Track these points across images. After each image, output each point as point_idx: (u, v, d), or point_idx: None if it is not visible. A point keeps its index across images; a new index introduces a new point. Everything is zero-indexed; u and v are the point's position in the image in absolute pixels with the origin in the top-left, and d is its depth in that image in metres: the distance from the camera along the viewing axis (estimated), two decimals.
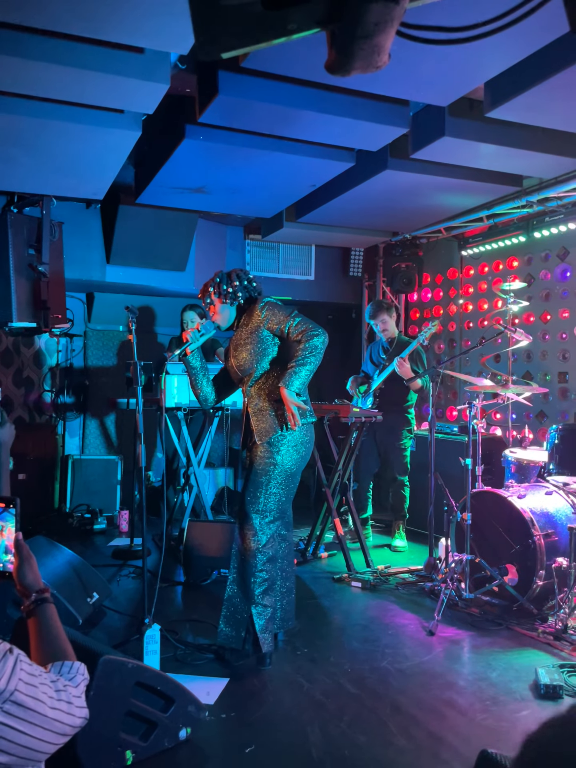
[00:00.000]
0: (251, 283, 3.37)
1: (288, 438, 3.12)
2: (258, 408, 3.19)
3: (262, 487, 3.10)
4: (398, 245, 6.74)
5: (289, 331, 3.14)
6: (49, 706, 1.33)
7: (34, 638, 1.53)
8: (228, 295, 3.29)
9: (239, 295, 3.31)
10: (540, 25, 2.74)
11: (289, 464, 3.13)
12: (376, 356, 5.55)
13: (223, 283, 3.30)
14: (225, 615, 3.16)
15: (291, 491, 3.21)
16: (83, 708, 1.42)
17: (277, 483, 3.11)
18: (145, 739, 2.31)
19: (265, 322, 3.19)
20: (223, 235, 6.72)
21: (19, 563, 1.62)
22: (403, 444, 5.34)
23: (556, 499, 3.86)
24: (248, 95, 3.42)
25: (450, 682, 2.96)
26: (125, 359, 6.67)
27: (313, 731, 2.54)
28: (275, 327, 3.17)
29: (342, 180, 4.89)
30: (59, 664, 1.47)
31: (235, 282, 3.30)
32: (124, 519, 5.70)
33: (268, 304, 3.23)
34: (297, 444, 3.15)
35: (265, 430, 3.15)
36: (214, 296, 3.33)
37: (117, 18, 2.65)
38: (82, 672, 1.49)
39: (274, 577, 3.18)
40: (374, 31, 1.15)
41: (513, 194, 5.27)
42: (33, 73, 3.07)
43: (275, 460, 3.10)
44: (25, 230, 4.43)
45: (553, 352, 5.42)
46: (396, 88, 3.39)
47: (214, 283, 3.33)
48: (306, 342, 3.08)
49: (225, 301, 3.31)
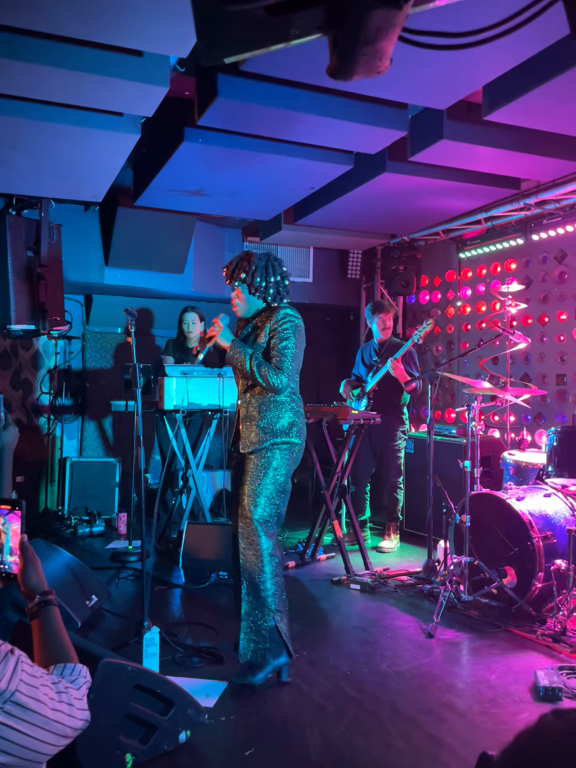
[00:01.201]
0: (284, 281, 3.11)
1: (282, 440, 2.98)
2: (247, 415, 3.05)
3: (262, 496, 2.95)
4: (396, 248, 6.75)
5: (270, 345, 3.01)
6: (50, 707, 1.33)
7: (38, 640, 1.54)
8: (260, 289, 3.04)
9: (270, 292, 3.06)
10: (538, 29, 2.74)
11: (284, 468, 2.99)
12: (368, 358, 5.56)
13: (258, 274, 3.02)
14: (247, 632, 2.94)
15: (288, 495, 3.08)
16: (84, 710, 1.42)
17: (275, 489, 2.97)
18: (145, 742, 2.31)
19: (274, 327, 3.01)
20: (221, 237, 6.73)
21: (24, 565, 1.63)
22: (398, 445, 5.34)
23: (554, 502, 3.87)
24: (247, 98, 3.43)
25: (449, 685, 2.96)
26: (123, 361, 6.66)
27: (312, 734, 2.54)
28: (271, 337, 3.03)
29: (340, 183, 4.90)
30: (61, 666, 1.47)
31: (271, 278, 3.04)
32: (123, 521, 5.70)
33: (289, 317, 3.02)
34: (292, 445, 3.01)
35: (251, 441, 2.99)
36: (246, 282, 3.05)
37: (116, 21, 2.65)
38: (84, 674, 1.49)
39: (282, 579, 3.05)
40: (376, 36, 1.16)
41: (511, 197, 5.29)
42: (32, 75, 3.07)
43: (271, 465, 2.97)
44: (23, 232, 4.43)
45: (551, 355, 5.43)
46: (395, 91, 3.40)
47: (250, 269, 3.03)
48: (269, 369, 2.93)
49: (253, 293, 3.06)
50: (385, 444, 5.34)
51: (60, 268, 4.74)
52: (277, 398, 3.02)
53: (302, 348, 3.09)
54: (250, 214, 5.87)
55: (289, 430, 3.01)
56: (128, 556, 4.86)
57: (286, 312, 3.03)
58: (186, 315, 5.61)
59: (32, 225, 4.51)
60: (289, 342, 3.00)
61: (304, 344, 3.11)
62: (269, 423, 2.99)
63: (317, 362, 7.60)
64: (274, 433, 2.98)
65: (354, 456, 4.89)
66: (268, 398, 3.02)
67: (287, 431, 3.00)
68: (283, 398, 3.04)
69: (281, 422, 3.00)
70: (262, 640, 2.91)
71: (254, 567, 2.93)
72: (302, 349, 3.09)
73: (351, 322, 7.76)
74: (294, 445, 3.02)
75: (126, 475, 6.09)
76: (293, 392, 3.08)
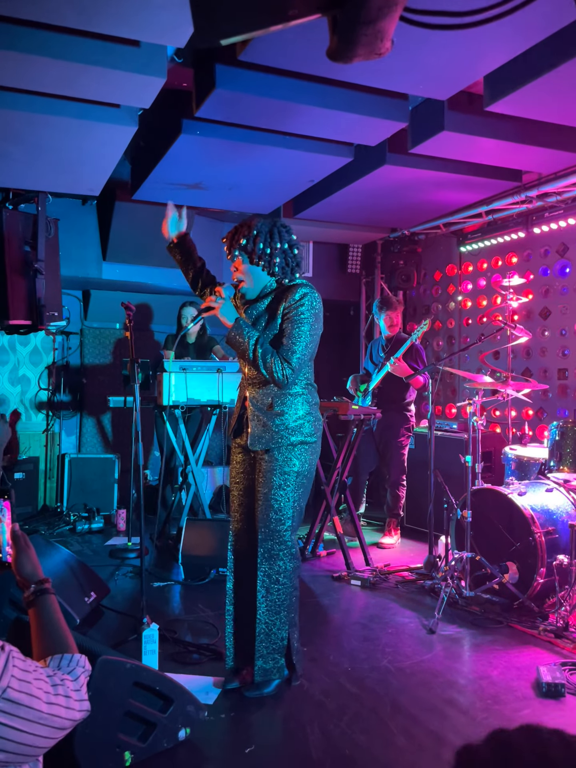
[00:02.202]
0: (293, 249, 2.71)
1: (298, 439, 2.72)
2: (257, 406, 2.75)
3: (288, 501, 2.70)
4: (396, 241, 6.71)
5: (282, 329, 2.69)
6: (45, 701, 1.31)
7: (35, 629, 1.52)
8: (264, 258, 2.65)
9: (276, 261, 2.66)
10: (540, 17, 2.71)
11: (306, 468, 2.76)
12: (375, 355, 5.53)
13: (261, 240, 2.63)
14: (263, 653, 2.72)
15: (308, 493, 2.85)
16: (83, 701, 1.40)
17: (300, 493, 2.74)
18: (144, 739, 2.29)
19: (288, 309, 2.65)
20: (220, 231, 6.68)
21: (17, 554, 1.61)
22: (401, 442, 5.31)
23: (556, 496, 3.84)
24: (246, 89, 3.39)
25: (450, 681, 2.94)
26: (122, 357, 6.63)
27: (312, 731, 2.51)
28: (284, 320, 2.68)
29: (340, 175, 4.86)
30: (58, 658, 1.45)
31: (277, 244, 2.65)
32: (122, 518, 5.67)
33: (308, 298, 2.65)
34: (310, 444, 2.76)
35: (263, 438, 2.72)
36: (247, 251, 2.66)
37: (112, 10, 2.62)
38: (83, 664, 1.46)
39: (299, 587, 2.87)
40: (377, 15, 1.12)
41: (512, 190, 5.25)
42: (27, 66, 3.03)
43: (293, 469, 2.71)
44: (20, 227, 4.39)
45: (553, 349, 5.39)
46: (395, 81, 3.36)
47: (250, 234, 2.64)
48: (275, 360, 2.61)
49: (257, 263, 2.67)
50: (388, 440, 5.31)
51: (57, 263, 4.70)
52: (292, 389, 2.73)
53: (319, 334, 2.76)
54: (249, 208, 5.83)
55: (306, 427, 2.73)
56: (127, 552, 4.84)
57: (305, 292, 2.66)
58: (185, 310, 5.58)
59: (29, 219, 4.47)
60: (304, 328, 2.64)
61: (322, 329, 2.77)
62: (284, 419, 2.70)
63: (317, 357, 7.55)
64: (289, 431, 2.70)
65: (354, 452, 4.87)
66: (278, 396, 2.73)
67: (304, 428, 2.73)
68: (299, 389, 2.75)
69: (297, 418, 2.72)
70: (279, 657, 2.76)
71: (276, 584, 2.73)
72: (319, 334, 2.76)
73: (351, 317, 7.73)
74: (310, 444, 2.77)
75: (125, 471, 6.06)
76: (309, 382, 2.80)
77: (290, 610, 2.78)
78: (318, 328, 2.73)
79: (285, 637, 2.77)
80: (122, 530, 5.57)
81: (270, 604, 2.73)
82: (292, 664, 2.85)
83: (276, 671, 2.77)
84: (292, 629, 2.81)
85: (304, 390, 2.78)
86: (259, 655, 2.74)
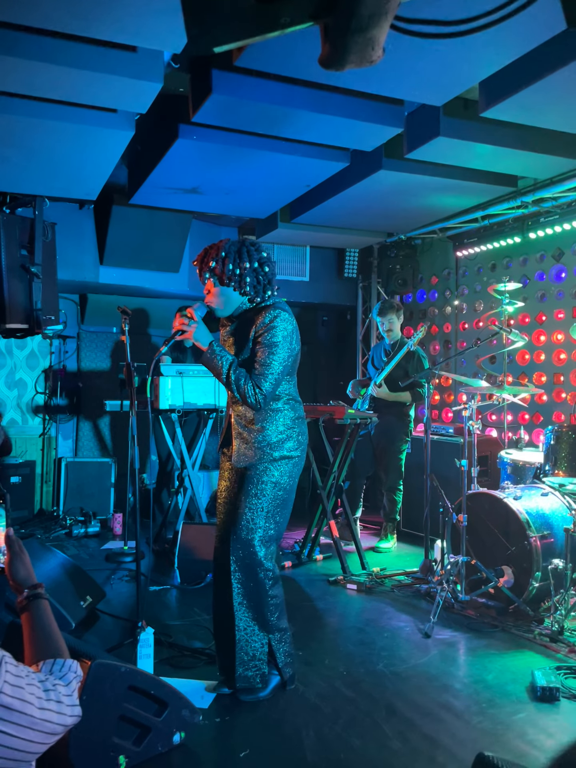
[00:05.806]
0: (263, 267, 2.72)
1: (280, 454, 2.72)
2: (239, 423, 2.77)
3: (261, 511, 2.71)
4: (393, 246, 6.74)
5: (254, 352, 2.68)
6: (37, 706, 1.31)
7: (27, 634, 1.51)
8: (233, 279, 2.67)
9: (247, 281, 2.68)
10: (534, 23, 2.73)
11: (285, 481, 2.74)
12: (378, 360, 5.54)
13: (229, 260, 2.65)
14: (243, 659, 2.72)
15: (289, 509, 2.83)
16: (75, 706, 1.40)
17: (276, 504, 2.73)
18: (139, 743, 2.29)
19: (260, 333, 2.66)
20: (217, 236, 6.70)
21: (11, 559, 1.61)
22: (398, 447, 5.32)
23: (551, 500, 3.85)
24: (242, 94, 3.40)
25: (446, 685, 2.94)
26: (119, 361, 6.64)
27: (308, 735, 2.51)
28: (255, 344, 2.69)
29: (336, 180, 4.88)
30: (50, 663, 1.45)
31: (246, 264, 2.66)
32: (118, 522, 5.67)
33: (278, 321, 2.65)
34: (292, 458, 2.76)
35: (245, 455, 2.73)
36: (216, 273, 2.69)
37: (110, 16, 2.63)
38: (75, 669, 1.46)
39: (281, 594, 2.83)
40: (368, 24, 1.14)
41: (508, 195, 5.27)
42: (24, 71, 3.04)
43: (271, 480, 2.71)
44: (17, 231, 4.41)
45: (549, 353, 5.41)
46: (390, 87, 3.38)
47: (218, 256, 2.67)
48: (248, 386, 2.61)
49: (227, 283, 2.69)
50: (385, 445, 5.31)
51: (54, 267, 4.71)
52: (273, 405, 2.73)
53: (295, 353, 2.76)
54: (245, 212, 5.85)
55: (287, 443, 2.73)
56: (123, 556, 4.84)
57: (275, 315, 2.66)
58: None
59: (26, 223, 4.48)
60: (276, 351, 2.64)
61: (299, 348, 2.78)
62: (265, 435, 2.71)
63: (314, 362, 7.58)
64: (271, 447, 2.70)
65: (350, 455, 4.87)
66: (259, 415, 2.73)
67: (286, 444, 2.73)
68: (280, 405, 2.75)
69: (279, 433, 2.72)
70: (261, 665, 2.76)
71: (253, 586, 2.73)
72: (296, 353, 2.76)
73: (348, 321, 7.74)
74: (293, 458, 2.76)
75: (121, 475, 6.06)
76: (291, 397, 2.80)
77: (268, 617, 2.76)
78: (293, 347, 2.72)
79: (265, 643, 2.77)
80: (118, 534, 5.57)
81: (245, 611, 2.73)
82: (279, 669, 2.83)
83: (259, 678, 2.76)
84: (274, 635, 2.79)
85: (286, 405, 2.77)
86: (240, 662, 2.73)
